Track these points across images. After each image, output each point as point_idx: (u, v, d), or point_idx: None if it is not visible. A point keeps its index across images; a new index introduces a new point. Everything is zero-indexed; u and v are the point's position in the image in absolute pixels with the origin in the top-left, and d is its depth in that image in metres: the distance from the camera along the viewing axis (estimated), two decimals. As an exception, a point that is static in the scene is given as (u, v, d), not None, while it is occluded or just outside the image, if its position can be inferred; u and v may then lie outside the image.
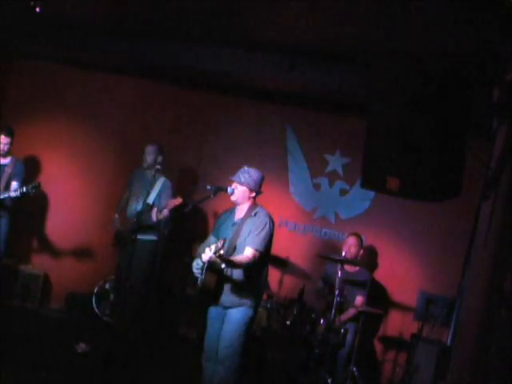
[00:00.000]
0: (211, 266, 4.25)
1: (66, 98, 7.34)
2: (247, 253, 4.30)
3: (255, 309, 4.44)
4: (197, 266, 4.43)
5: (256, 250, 4.30)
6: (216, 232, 4.65)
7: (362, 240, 6.12)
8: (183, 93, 7.28)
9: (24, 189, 5.97)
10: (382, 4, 4.37)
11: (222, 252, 4.06)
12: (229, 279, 4.35)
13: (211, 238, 4.67)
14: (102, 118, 7.35)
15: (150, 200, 6.09)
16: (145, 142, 6.52)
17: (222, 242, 4.10)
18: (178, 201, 5.80)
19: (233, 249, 4.36)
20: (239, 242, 4.36)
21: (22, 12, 5.66)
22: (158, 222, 5.88)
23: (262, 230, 4.35)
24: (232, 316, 4.34)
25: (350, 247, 6.01)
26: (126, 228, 6.21)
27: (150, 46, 6.51)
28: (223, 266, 4.21)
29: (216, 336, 4.39)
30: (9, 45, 6.63)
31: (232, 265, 4.26)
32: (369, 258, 6.52)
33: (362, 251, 6.12)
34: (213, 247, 4.11)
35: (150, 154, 6.25)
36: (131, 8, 5.72)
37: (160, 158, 6.23)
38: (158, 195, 6.15)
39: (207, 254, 4.15)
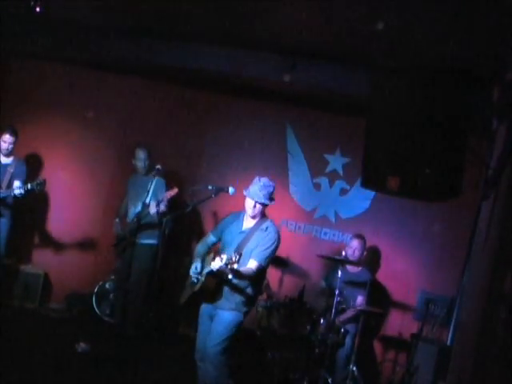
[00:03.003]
0: (216, 273, 4.25)
1: (65, 97, 7.34)
2: (252, 265, 4.33)
3: (246, 314, 4.50)
4: (195, 269, 4.44)
5: (260, 264, 4.35)
6: (217, 232, 4.65)
7: (365, 241, 6.12)
8: (183, 93, 7.28)
9: (29, 186, 5.96)
10: (382, 4, 4.37)
11: (235, 266, 4.05)
12: (230, 285, 4.38)
13: (210, 237, 4.67)
14: (101, 118, 7.35)
15: (148, 200, 6.14)
16: (144, 141, 6.54)
17: (237, 256, 4.05)
18: (174, 191, 5.82)
19: (236, 251, 4.36)
20: (245, 251, 4.34)
21: (22, 12, 5.65)
22: (159, 216, 5.90)
23: (270, 247, 4.39)
24: (223, 317, 4.40)
25: (354, 250, 6.01)
26: (125, 231, 6.26)
27: (150, 46, 6.50)
28: (230, 276, 4.23)
29: (207, 337, 4.44)
30: (8, 45, 6.62)
31: (238, 276, 4.30)
32: (369, 257, 6.52)
33: (365, 253, 6.13)
34: (224, 258, 4.06)
35: (142, 160, 6.39)
36: (131, 8, 5.72)
37: (147, 162, 6.33)
38: (154, 194, 6.19)
39: (217, 263, 4.13)
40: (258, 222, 4.48)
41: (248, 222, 4.53)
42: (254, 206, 4.43)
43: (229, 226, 4.60)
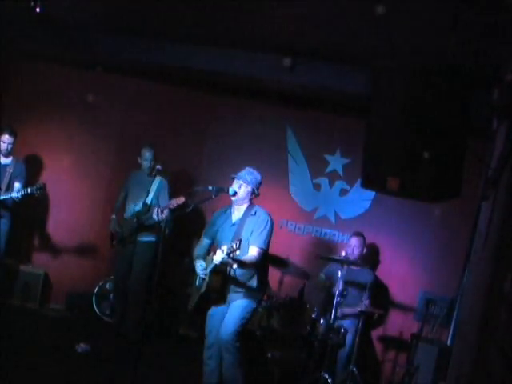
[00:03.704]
0: (219, 266, 4.27)
1: (65, 98, 7.34)
2: (253, 252, 4.39)
3: (259, 302, 4.60)
4: (200, 267, 4.46)
5: (261, 248, 4.42)
6: (210, 233, 4.68)
7: (364, 239, 6.13)
8: (183, 93, 7.28)
9: (29, 190, 5.99)
10: (382, 4, 4.37)
11: (237, 253, 4.08)
12: (235, 279, 4.40)
13: (204, 240, 4.70)
14: (101, 118, 7.35)
15: (148, 200, 6.16)
16: (144, 142, 6.54)
17: (237, 243, 4.11)
18: (181, 200, 5.83)
19: (230, 242, 4.37)
20: (243, 241, 4.35)
21: (22, 12, 5.66)
22: (159, 221, 5.90)
23: (264, 228, 4.46)
24: (236, 304, 4.44)
25: (353, 248, 6.02)
26: (123, 229, 6.25)
27: (150, 45, 6.51)
28: (235, 266, 4.25)
29: (218, 333, 4.46)
30: (9, 45, 6.62)
31: (243, 265, 4.33)
32: (369, 257, 6.52)
33: (365, 250, 6.13)
34: (225, 248, 4.12)
35: (149, 160, 6.31)
36: (131, 8, 5.72)
37: (153, 163, 6.30)
38: (156, 195, 6.21)
39: (219, 255, 4.17)
40: (246, 210, 4.54)
41: (237, 214, 4.59)
42: (239, 188, 4.49)
43: (219, 223, 4.65)
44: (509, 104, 3.11)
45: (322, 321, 5.50)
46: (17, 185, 6.26)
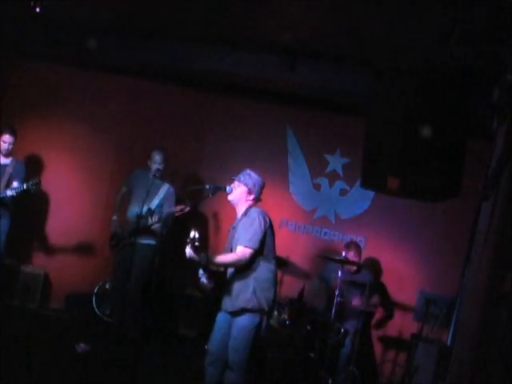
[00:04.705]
0: (203, 265, 4.21)
1: (65, 98, 7.34)
2: (237, 250, 4.22)
3: (261, 314, 4.29)
4: (201, 272, 4.37)
5: (245, 246, 4.17)
6: None
7: (359, 248, 6.13)
8: (183, 93, 7.28)
9: (24, 186, 5.98)
10: (382, 4, 4.38)
11: (196, 244, 4.01)
12: (226, 281, 4.33)
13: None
14: (101, 118, 7.35)
15: (153, 205, 6.07)
16: (144, 142, 6.53)
17: (194, 232, 4.04)
18: (187, 208, 5.80)
19: (230, 252, 4.33)
20: (234, 243, 4.31)
21: (22, 12, 5.66)
22: (159, 220, 5.90)
23: (251, 226, 4.23)
24: (238, 323, 4.24)
25: (349, 257, 5.98)
26: (124, 230, 6.22)
27: (150, 45, 6.51)
28: (202, 261, 4.11)
29: (221, 341, 4.30)
30: (9, 45, 6.63)
31: (214, 261, 4.20)
32: (369, 258, 6.53)
33: (362, 257, 6.13)
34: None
35: (158, 163, 6.14)
36: (131, 8, 5.73)
37: (163, 166, 6.20)
38: (161, 202, 6.12)
39: (187, 250, 4.13)
40: (244, 213, 4.39)
41: (238, 217, 4.47)
42: (234, 187, 4.39)
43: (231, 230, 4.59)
44: (509, 104, 3.10)
45: (321, 321, 5.51)
46: (15, 184, 6.24)
